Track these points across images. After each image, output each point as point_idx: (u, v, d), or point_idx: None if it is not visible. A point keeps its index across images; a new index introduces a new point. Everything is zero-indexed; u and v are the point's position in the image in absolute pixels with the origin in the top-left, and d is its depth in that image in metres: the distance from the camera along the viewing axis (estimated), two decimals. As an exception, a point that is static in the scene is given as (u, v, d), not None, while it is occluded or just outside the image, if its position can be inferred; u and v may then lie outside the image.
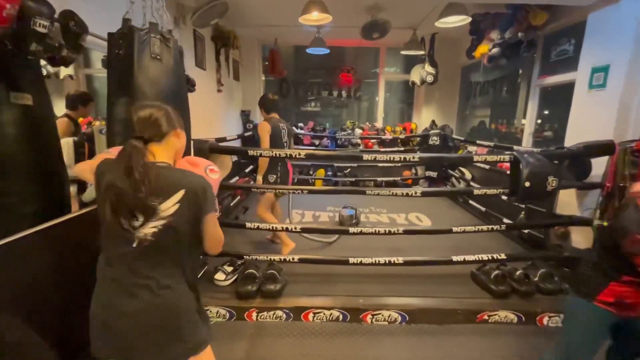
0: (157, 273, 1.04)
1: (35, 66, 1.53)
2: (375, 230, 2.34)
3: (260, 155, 2.19)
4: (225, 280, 2.34)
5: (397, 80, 6.56)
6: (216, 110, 4.19)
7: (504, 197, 2.98)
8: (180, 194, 1.03)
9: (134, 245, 1.01)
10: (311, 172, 5.79)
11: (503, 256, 2.33)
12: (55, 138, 1.61)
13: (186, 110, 1.81)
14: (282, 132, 2.73)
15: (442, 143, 5.22)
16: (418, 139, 5.73)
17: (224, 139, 3.58)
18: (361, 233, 2.34)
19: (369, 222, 3.92)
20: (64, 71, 2.07)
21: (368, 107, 6.91)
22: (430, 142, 5.29)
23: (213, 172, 1.26)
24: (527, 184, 2.02)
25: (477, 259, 2.33)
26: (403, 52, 4.92)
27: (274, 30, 4.95)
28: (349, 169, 5.69)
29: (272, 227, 2.31)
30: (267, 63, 5.71)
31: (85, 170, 1.17)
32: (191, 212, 1.05)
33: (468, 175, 4.47)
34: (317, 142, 5.79)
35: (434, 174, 5.41)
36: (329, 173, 5.77)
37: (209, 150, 2.18)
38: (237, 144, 4.76)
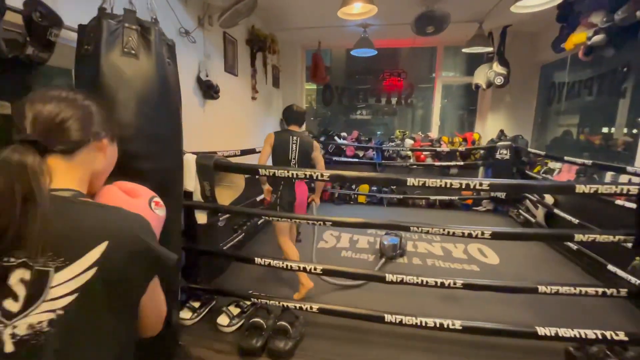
0: None
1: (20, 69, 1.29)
2: (421, 281, 1.73)
3: (274, 175, 1.74)
4: (229, 325, 1.91)
5: (456, 84, 5.74)
6: (250, 119, 3.90)
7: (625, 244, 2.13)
8: (98, 250, 0.60)
9: (6, 350, 0.57)
10: (354, 187, 5.24)
11: (622, 336, 1.54)
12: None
13: (173, 119, 1.43)
14: (292, 145, 2.33)
15: (513, 158, 4.31)
16: (482, 152, 4.85)
17: (252, 150, 3.24)
18: (402, 282, 1.75)
19: (417, 252, 3.25)
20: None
21: (423, 115, 6.17)
22: (498, 156, 4.40)
23: (159, 207, 0.83)
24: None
25: (576, 335, 1.58)
26: (465, 50, 4.17)
27: (316, 32, 4.57)
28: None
29: (287, 265, 1.84)
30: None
31: None
32: (118, 283, 0.62)
33: (549, 199, 3.54)
34: (361, 153, 5.24)
35: (501, 194, 4.50)
36: (374, 188, 5.17)
37: (213, 167, 1.80)
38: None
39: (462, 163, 4.85)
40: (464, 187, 1.62)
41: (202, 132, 2.80)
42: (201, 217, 1.92)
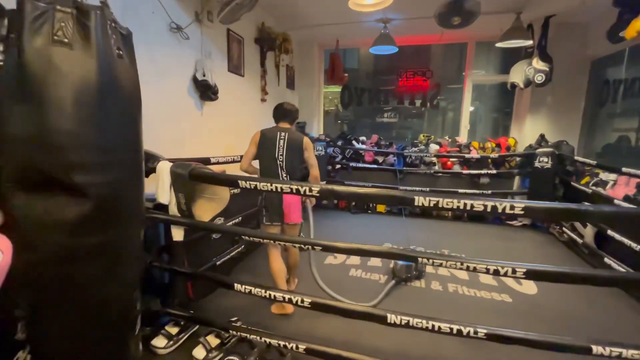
0: None
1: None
2: (432, 326, 1.38)
3: (256, 188, 1.47)
4: (165, 347, 1.67)
5: (489, 83, 5.20)
6: (259, 121, 3.68)
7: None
8: None
9: None
10: (372, 195, 4.87)
11: None
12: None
13: (127, 124, 1.20)
14: (279, 141, 2.13)
15: (556, 167, 3.75)
16: (518, 159, 4.31)
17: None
18: (407, 326, 1.40)
19: (438, 275, 2.84)
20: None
21: (453, 118, 5.68)
22: (538, 165, 3.86)
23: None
24: None
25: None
26: (500, 45, 3.69)
27: (334, 30, 4.29)
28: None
29: (269, 294, 1.55)
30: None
31: None
32: None
33: (601, 218, 2.97)
34: (380, 159, 4.86)
35: (540, 208, 3.93)
36: (394, 197, 4.76)
37: (189, 177, 1.56)
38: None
39: (494, 171, 4.33)
40: (489, 209, 1.25)
41: (199, 136, 2.61)
42: (177, 234, 1.68)
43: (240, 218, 2.74)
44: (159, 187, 1.61)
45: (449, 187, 4.47)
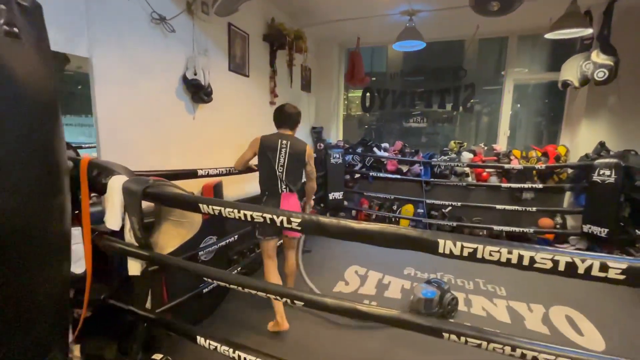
0: None
1: None
2: None
3: (220, 214, 1.09)
4: None
5: (533, 83, 4.54)
6: (267, 127, 3.34)
7: None
8: None
9: None
10: (395, 208, 4.38)
11: None
12: None
13: (18, 132, 0.86)
14: (281, 151, 2.00)
15: (621, 181, 3.07)
16: (570, 171, 3.65)
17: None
18: None
19: (471, 313, 2.31)
20: None
21: (489, 123, 5.06)
22: (597, 179, 3.20)
23: None
24: None
25: None
26: (550, 36, 3.10)
27: (354, 26, 3.89)
28: (449, 207, 4.05)
29: (240, 356, 1.16)
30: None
31: None
32: None
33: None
34: (404, 168, 4.36)
35: (600, 230, 3.26)
36: (420, 211, 4.24)
37: (142, 195, 1.22)
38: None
39: (540, 185, 3.68)
40: (561, 267, 0.78)
41: (190, 143, 2.30)
42: (133, 267, 1.35)
43: (236, 237, 2.39)
44: (108, 208, 1.28)
45: (484, 202, 3.88)
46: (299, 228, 1.01)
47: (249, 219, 1.08)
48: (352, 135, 5.09)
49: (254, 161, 2.17)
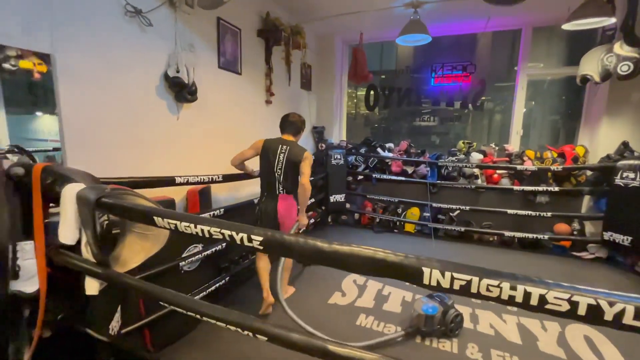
0: None
1: None
2: None
3: (175, 228, 0.95)
4: None
5: (549, 78, 4.25)
6: (263, 128, 3.20)
7: None
8: None
9: None
10: (399, 212, 4.18)
11: None
12: None
13: None
14: (280, 155, 2.14)
15: (648, 186, 2.80)
16: (589, 173, 3.38)
17: (250, 176, 2.50)
18: None
19: (477, 331, 2.11)
20: None
21: (501, 121, 4.79)
22: (619, 182, 2.94)
23: None
24: None
25: None
26: (568, 27, 2.85)
27: (356, 21, 3.71)
28: (457, 211, 3.83)
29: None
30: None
31: None
32: None
33: None
34: (410, 169, 4.15)
35: (623, 238, 2.99)
36: (426, 214, 4.03)
37: (95, 205, 1.08)
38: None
39: (556, 189, 3.42)
40: (589, 316, 0.60)
41: (174, 146, 2.16)
42: (91, 285, 1.21)
43: (223, 244, 2.25)
44: (61, 220, 1.15)
45: (494, 206, 3.65)
46: (261, 247, 0.85)
47: (207, 234, 0.93)
48: (360, 135, 4.89)
49: (252, 164, 2.32)
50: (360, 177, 4.36)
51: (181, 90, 2.06)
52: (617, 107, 3.30)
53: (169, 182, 1.83)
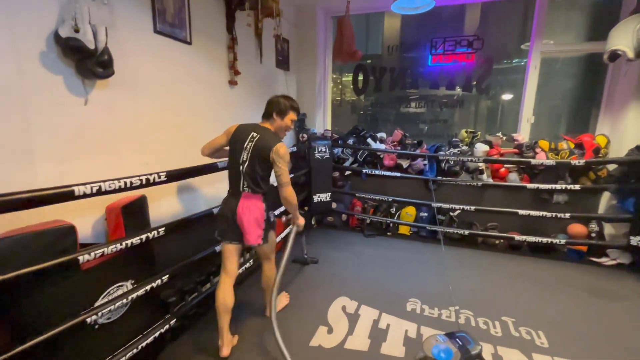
0: None
1: None
2: None
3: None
4: None
5: (566, 57, 3.69)
6: (227, 116, 2.53)
7: None
8: None
9: None
10: (393, 211, 3.64)
11: None
12: None
13: None
14: (247, 145, 1.71)
15: (693, 184, 2.34)
16: (613, 167, 2.91)
17: (198, 170, 1.88)
18: None
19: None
20: None
21: (508, 108, 4.22)
22: (657, 180, 2.46)
23: None
24: None
25: None
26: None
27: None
28: (458, 211, 3.31)
29: None
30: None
31: None
32: None
33: None
34: (405, 163, 3.59)
35: (654, 245, 2.55)
36: (423, 214, 3.50)
37: None
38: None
39: (576, 186, 2.94)
40: None
41: (79, 143, 1.50)
42: None
43: (166, 277, 1.63)
44: None
45: (501, 205, 3.16)
46: None
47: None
48: (346, 124, 4.27)
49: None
50: (348, 172, 3.78)
51: (84, 60, 1.38)
52: (650, 90, 2.81)
53: (61, 196, 1.17)
